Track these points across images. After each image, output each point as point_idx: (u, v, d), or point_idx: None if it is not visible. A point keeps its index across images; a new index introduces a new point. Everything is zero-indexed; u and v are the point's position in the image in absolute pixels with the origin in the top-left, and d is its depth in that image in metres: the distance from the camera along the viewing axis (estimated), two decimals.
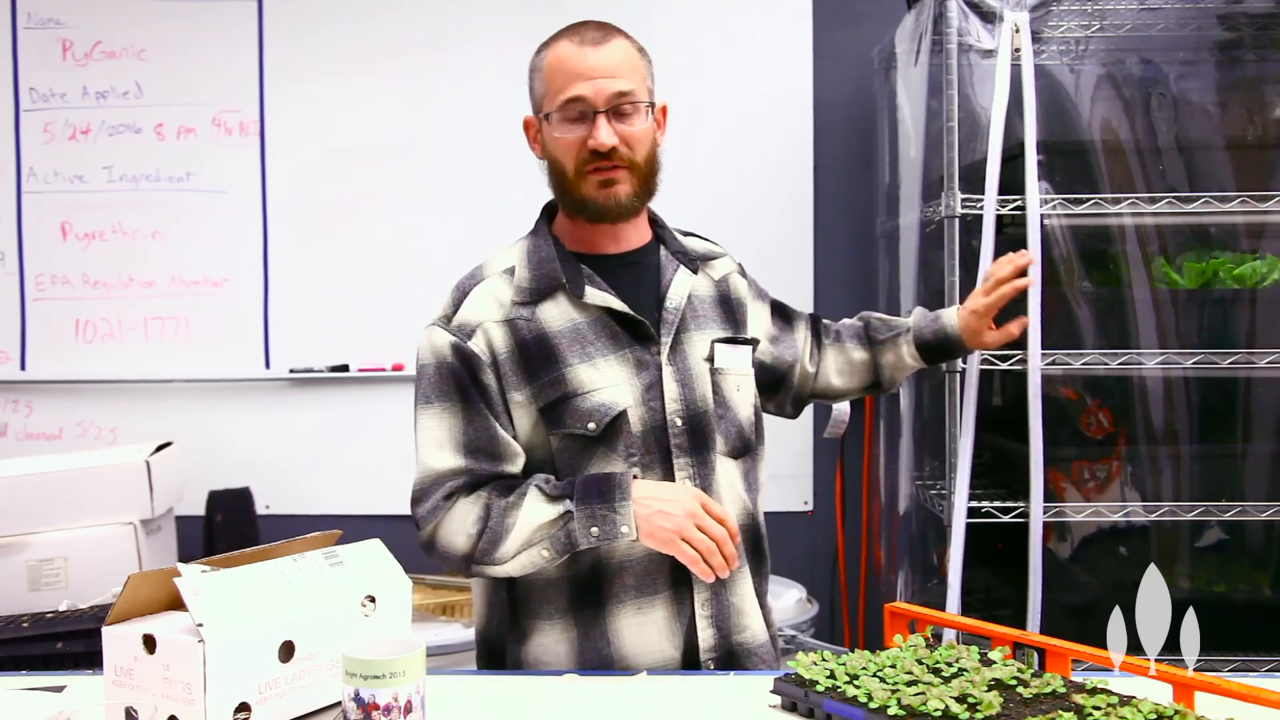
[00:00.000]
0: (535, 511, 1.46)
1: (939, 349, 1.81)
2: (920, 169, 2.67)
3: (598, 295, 1.55)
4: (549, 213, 1.65)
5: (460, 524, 1.49)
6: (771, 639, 1.63)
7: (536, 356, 1.52)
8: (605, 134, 1.51)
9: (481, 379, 1.52)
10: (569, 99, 1.52)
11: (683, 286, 1.61)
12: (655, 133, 1.59)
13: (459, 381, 1.52)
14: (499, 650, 1.60)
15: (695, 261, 1.65)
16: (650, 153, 1.57)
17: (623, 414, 1.51)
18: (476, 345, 1.52)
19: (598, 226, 1.58)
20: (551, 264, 1.57)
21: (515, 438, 1.53)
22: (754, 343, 1.68)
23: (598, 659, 1.52)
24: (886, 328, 1.82)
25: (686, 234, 1.72)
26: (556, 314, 1.54)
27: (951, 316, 1.82)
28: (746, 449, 1.63)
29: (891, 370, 1.82)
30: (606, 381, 1.52)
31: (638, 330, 1.55)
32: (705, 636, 1.54)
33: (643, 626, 1.52)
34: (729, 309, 1.67)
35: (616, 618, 1.52)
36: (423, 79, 3.17)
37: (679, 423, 1.54)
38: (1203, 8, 2.56)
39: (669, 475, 1.53)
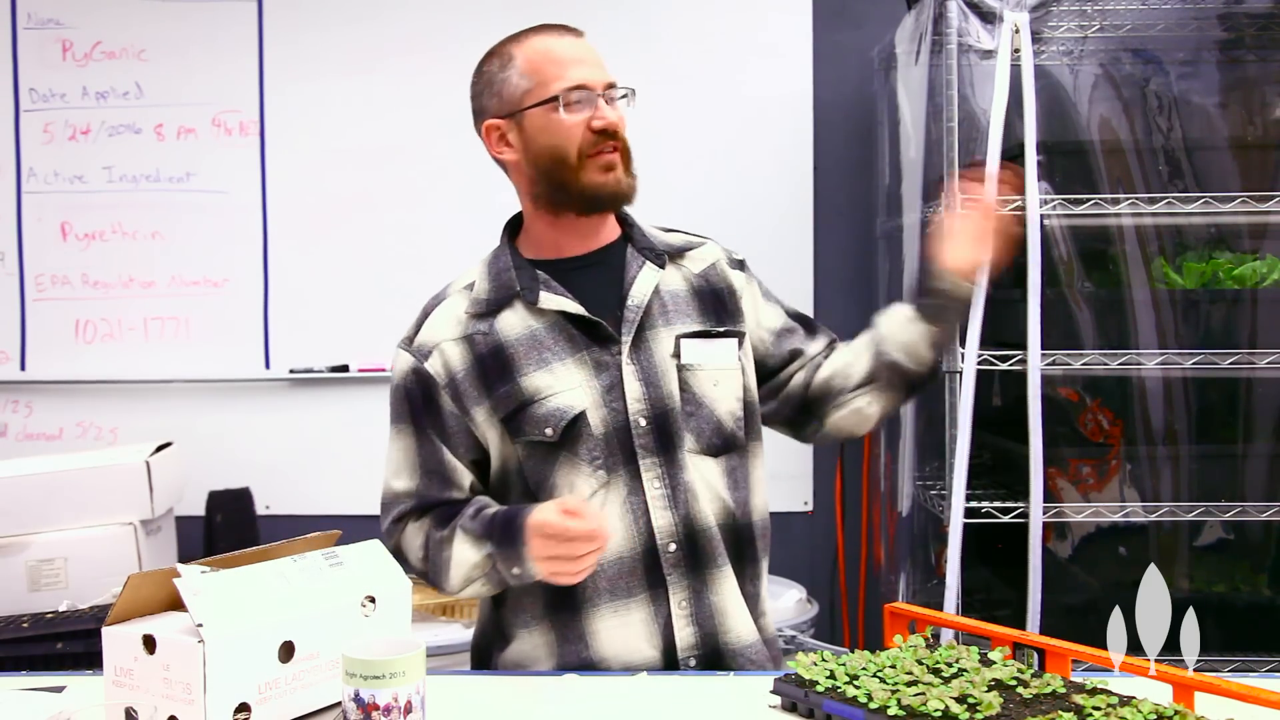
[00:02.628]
0: (464, 553, 1.49)
1: (928, 289, 1.59)
2: (920, 169, 2.67)
3: (553, 300, 1.53)
4: (511, 228, 1.65)
5: (410, 548, 1.55)
6: (767, 641, 1.60)
7: (493, 369, 1.52)
8: (612, 113, 1.52)
9: (437, 401, 1.54)
10: (574, 85, 1.51)
11: (647, 283, 1.57)
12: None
13: (413, 405, 1.56)
14: (486, 657, 1.62)
15: (664, 256, 1.60)
16: (627, 139, 1.58)
17: (581, 417, 1.50)
18: (432, 366, 1.55)
19: (571, 225, 1.57)
20: (508, 273, 1.57)
21: (473, 460, 1.56)
22: (738, 335, 1.60)
23: (576, 661, 1.51)
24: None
25: (668, 230, 1.68)
26: (514, 322, 1.54)
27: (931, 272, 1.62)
28: (729, 446, 1.57)
29: (892, 334, 1.61)
30: (563, 385, 1.51)
31: (596, 331, 1.53)
32: (684, 635, 1.51)
33: (620, 629, 1.51)
34: (713, 299, 1.61)
35: (593, 620, 1.51)
36: (423, 79, 3.17)
37: (643, 422, 1.51)
38: (1203, 8, 2.56)
39: (635, 477, 1.51)
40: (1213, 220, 2.51)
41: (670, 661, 1.52)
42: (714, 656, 1.54)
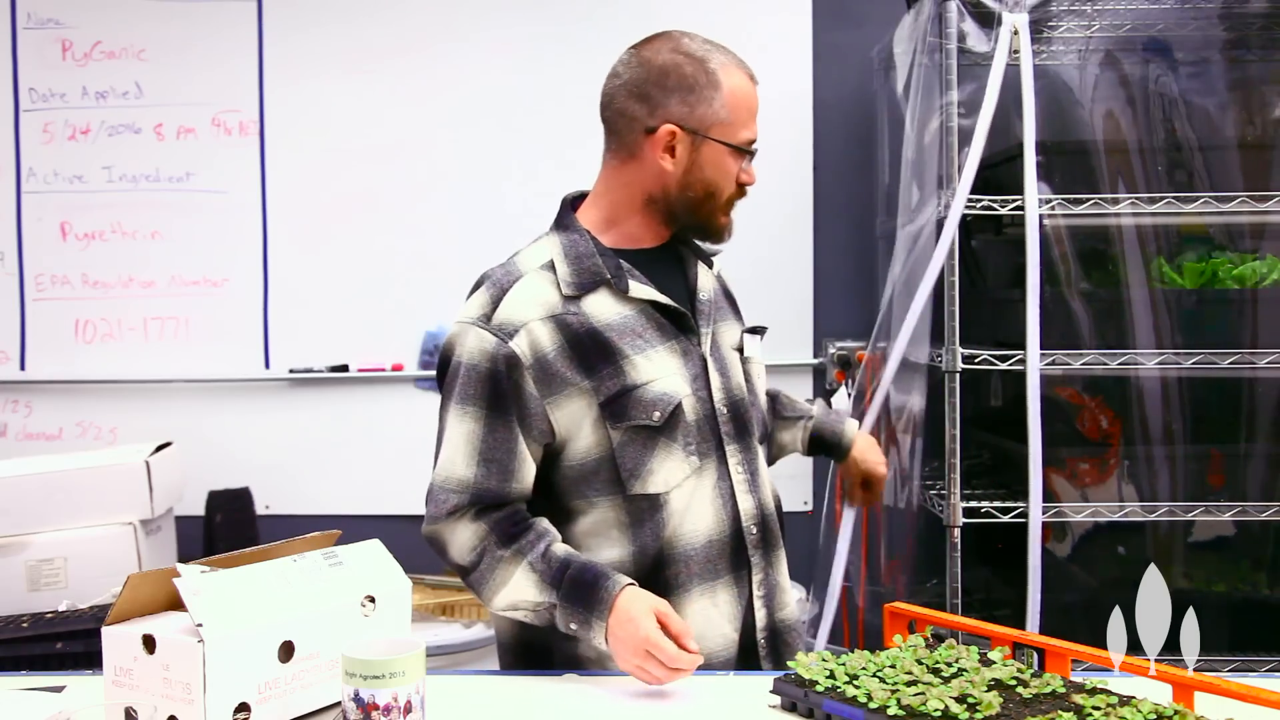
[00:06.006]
0: (523, 589, 1.47)
1: (827, 448, 1.86)
2: (920, 169, 2.67)
3: (642, 289, 1.55)
4: (569, 206, 1.64)
5: (458, 547, 1.51)
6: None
7: (592, 350, 1.50)
8: (753, 173, 1.62)
9: (518, 381, 1.49)
10: (751, 139, 1.60)
11: (707, 280, 1.66)
12: None
13: (494, 386, 1.49)
14: (543, 649, 1.56)
15: (709, 257, 1.71)
16: None
17: (680, 404, 1.53)
18: (518, 346, 1.48)
19: (651, 226, 1.60)
20: (592, 259, 1.55)
21: (546, 443, 1.52)
22: (763, 332, 1.73)
23: None
24: (792, 408, 1.86)
25: None
26: (604, 307, 1.54)
27: (851, 431, 1.86)
28: (767, 434, 1.71)
29: (778, 450, 1.86)
30: (661, 372, 1.53)
31: (680, 322, 1.58)
32: (760, 616, 1.58)
33: (707, 611, 1.53)
34: (733, 303, 1.74)
35: (683, 604, 1.52)
36: (422, 78, 3.17)
37: (725, 411, 1.58)
38: (1203, 8, 2.56)
39: (722, 462, 1.56)
40: (1213, 220, 2.51)
41: (748, 644, 1.56)
42: (774, 636, 1.59)
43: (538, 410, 1.50)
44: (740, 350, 1.65)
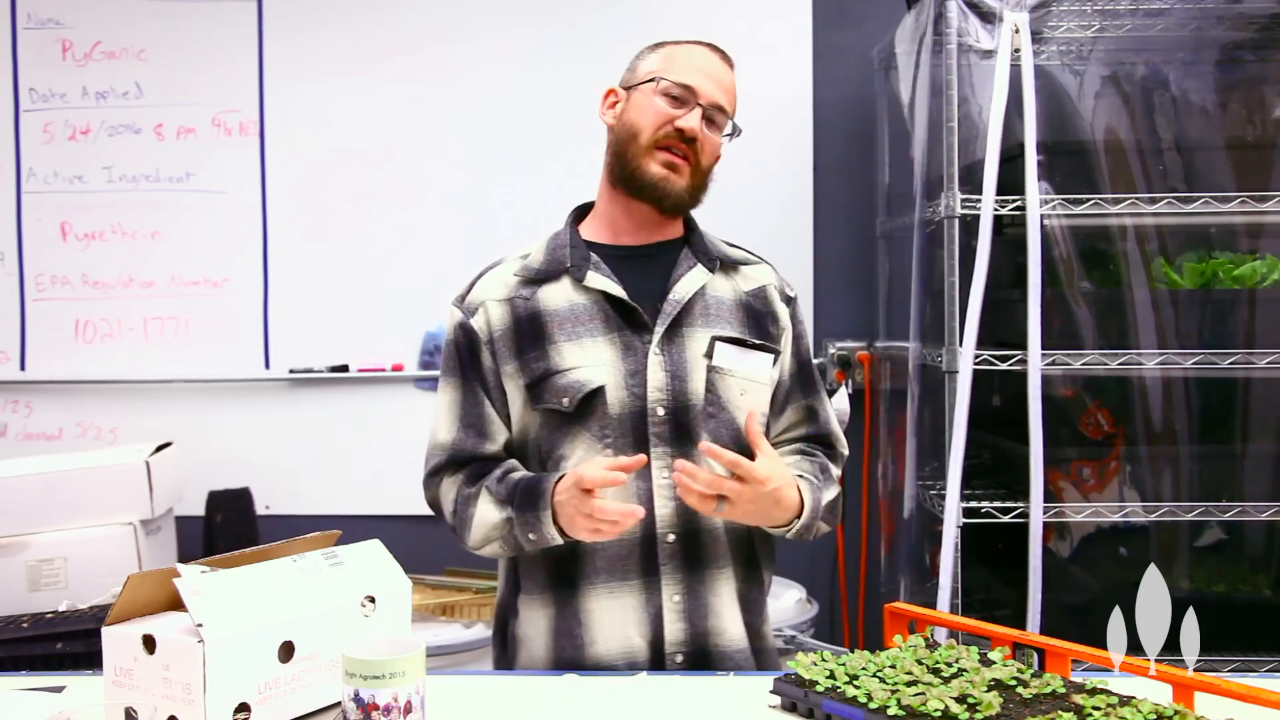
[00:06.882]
0: (486, 512, 1.55)
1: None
2: (920, 169, 2.67)
3: (598, 280, 1.59)
4: (578, 214, 1.72)
5: (444, 502, 1.62)
6: (757, 650, 1.60)
7: (527, 334, 1.59)
8: (695, 121, 1.59)
9: (479, 354, 1.61)
10: (683, 83, 1.60)
11: (693, 282, 1.61)
12: (718, 152, 1.67)
13: (460, 358, 1.63)
14: (504, 625, 1.67)
15: (715, 261, 1.65)
16: (710, 164, 1.65)
17: (598, 393, 1.53)
18: (477, 323, 1.61)
19: (630, 212, 1.63)
20: (562, 250, 1.63)
21: (508, 415, 1.61)
22: (774, 353, 1.64)
23: (568, 638, 1.55)
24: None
25: (731, 244, 1.74)
26: (557, 295, 1.60)
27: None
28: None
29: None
30: (588, 361, 1.56)
31: (633, 317, 1.58)
32: (674, 630, 1.54)
33: (612, 611, 1.54)
34: (755, 318, 1.65)
35: (588, 598, 1.55)
36: (423, 78, 3.17)
37: (661, 412, 1.55)
38: (1203, 8, 2.56)
39: (646, 464, 1.54)
40: (1213, 220, 2.51)
41: (657, 654, 1.54)
42: (701, 656, 1.55)
43: (495, 382, 1.60)
44: (709, 357, 1.57)
